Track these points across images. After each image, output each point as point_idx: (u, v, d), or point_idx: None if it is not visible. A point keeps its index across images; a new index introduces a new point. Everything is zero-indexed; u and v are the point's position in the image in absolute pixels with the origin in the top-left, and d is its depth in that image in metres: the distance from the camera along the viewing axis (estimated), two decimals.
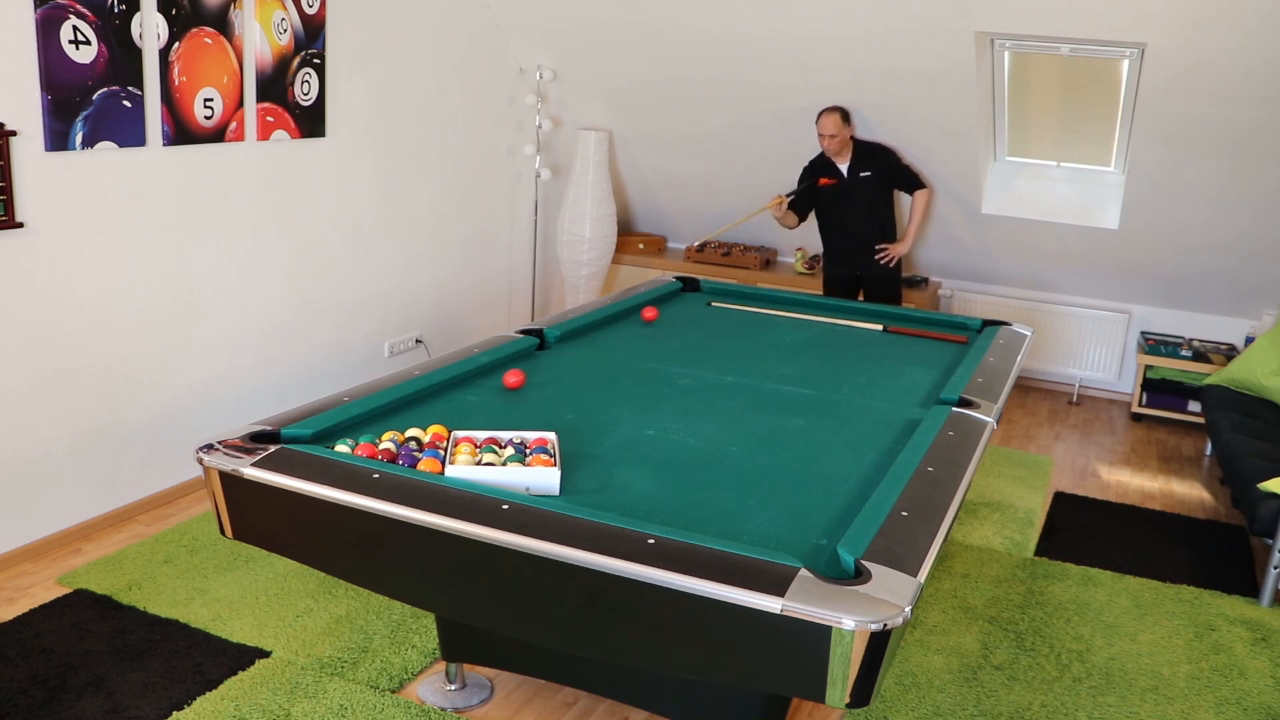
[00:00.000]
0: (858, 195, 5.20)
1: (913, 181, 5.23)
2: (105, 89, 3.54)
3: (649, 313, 4.06)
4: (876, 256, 5.28)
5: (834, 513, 2.39)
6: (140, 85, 3.66)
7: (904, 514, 2.27)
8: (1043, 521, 4.36)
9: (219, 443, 2.49)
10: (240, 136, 4.11)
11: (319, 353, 4.72)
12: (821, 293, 5.53)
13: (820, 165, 5.25)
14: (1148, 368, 5.77)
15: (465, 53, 5.34)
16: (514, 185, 5.97)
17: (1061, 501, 4.60)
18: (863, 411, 3.13)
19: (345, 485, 2.29)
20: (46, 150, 3.41)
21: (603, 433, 2.82)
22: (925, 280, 6.08)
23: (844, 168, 5.19)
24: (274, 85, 4.21)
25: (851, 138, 5.20)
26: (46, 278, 3.52)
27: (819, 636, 1.86)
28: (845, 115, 5.11)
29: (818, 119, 5.12)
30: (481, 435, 2.59)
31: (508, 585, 2.20)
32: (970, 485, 2.67)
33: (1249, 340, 5.69)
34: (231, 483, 2.42)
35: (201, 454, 2.45)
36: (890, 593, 1.92)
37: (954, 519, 2.38)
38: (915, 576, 2.00)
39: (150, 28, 3.66)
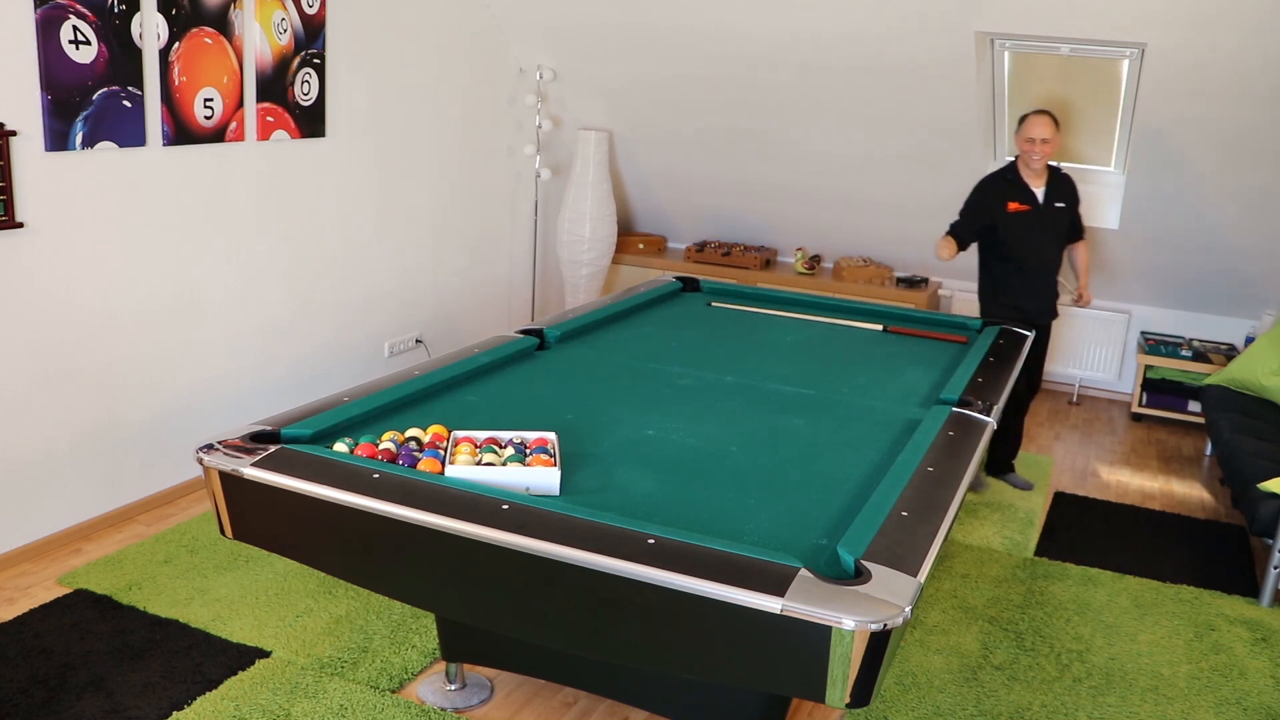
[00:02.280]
0: (1050, 228, 4.39)
1: (1081, 228, 4.58)
2: (105, 89, 3.54)
3: None
4: (1074, 303, 4.74)
5: (834, 513, 2.39)
6: (140, 85, 3.66)
7: (904, 514, 2.27)
8: (1043, 521, 4.36)
9: (219, 443, 2.49)
10: (240, 136, 4.11)
11: (319, 353, 4.72)
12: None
13: (1004, 185, 4.37)
14: (1148, 368, 5.77)
15: (465, 53, 5.34)
16: (514, 185, 5.96)
17: (1061, 501, 4.60)
18: (863, 411, 3.13)
19: (345, 485, 2.29)
20: (46, 150, 3.41)
21: (603, 433, 2.81)
22: (925, 280, 6.08)
23: (1039, 192, 4.36)
24: (274, 85, 4.21)
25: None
26: (46, 278, 3.52)
27: (819, 636, 1.86)
28: (1056, 120, 4.27)
29: (1022, 121, 4.33)
30: (481, 435, 2.59)
31: (508, 585, 2.20)
32: (970, 485, 2.67)
33: (1249, 340, 5.69)
34: (231, 483, 2.42)
35: (201, 454, 2.45)
36: (890, 593, 1.92)
37: (954, 519, 2.38)
38: (915, 576, 2.00)
39: (150, 28, 3.66)
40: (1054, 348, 6.06)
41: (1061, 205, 4.37)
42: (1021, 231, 4.34)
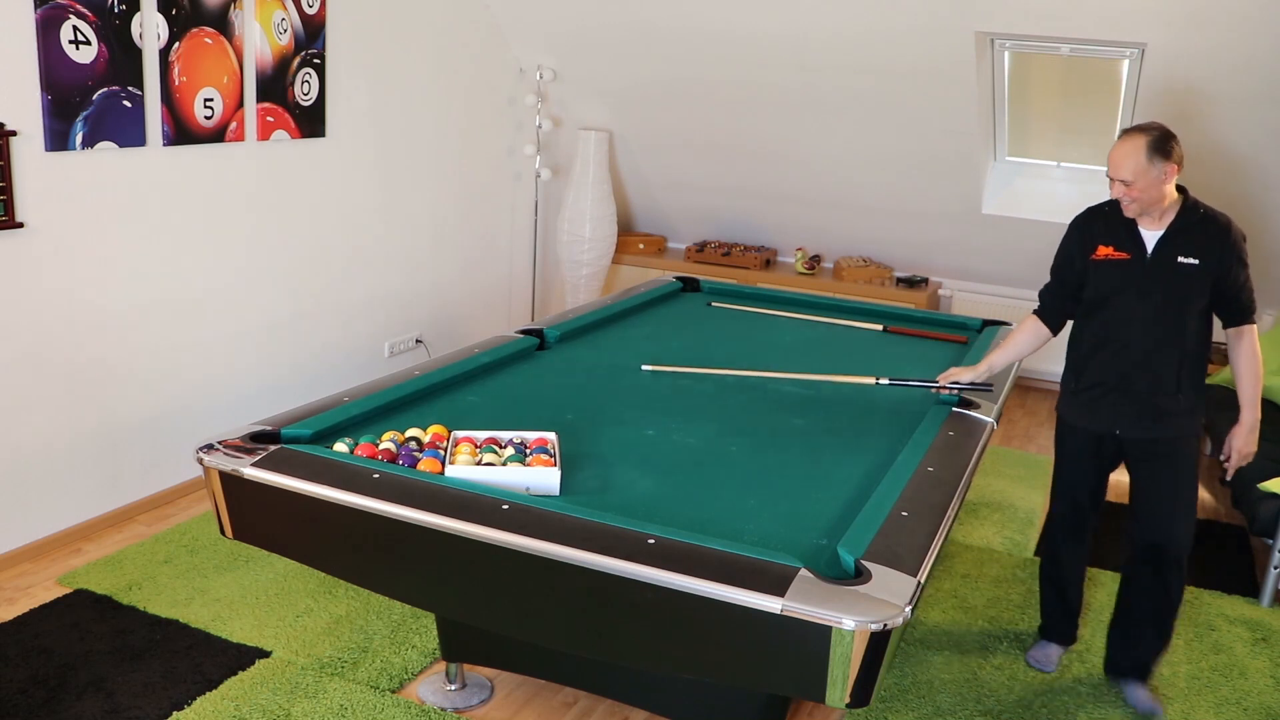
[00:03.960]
0: (1159, 292, 2.91)
1: (1245, 306, 2.95)
2: (105, 89, 3.54)
3: None
4: (1223, 462, 3.07)
5: (834, 513, 2.39)
6: (140, 85, 3.66)
7: (904, 514, 2.27)
8: (1043, 521, 4.36)
9: (219, 443, 2.49)
10: (240, 136, 4.11)
11: (319, 353, 4.72)
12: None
13: (1100, 221, 3.03)
14: None
15: (465, 53, 5.34)
16: (514, 185, 5.96)
17: None
18: (863, 411, 3.13)
19: (345, 485, 2.29)
20: (46, 150, 3.41)
21: (603, 433, 2.81)
22: (925, 280, 6.08)
23: (1150, 236, 2.93)
24: (274, 85, 4.21)
25: (1179, 189, 2.93)
26: (47, 278, 3.51)
27: (819, 636, 1.86)
28: (1160, 144, 2.81)
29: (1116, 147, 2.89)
30: (481, 435, 2.59)
31: (508, 585, 2.20)
32: (970, 485, 2.67)
33: None
34: (231, 483, 2.42)
35: (201, 454, 2.45)
36: (890, 593, 1.92)
37: (954, 519, 2.38)
38: (915, 576, 2.00)
39: (150, 28, 3.66)
40: (1054, 347, 6.00)
41: (1191, 262, 2.87)
42: (1111, 291, 2.96)
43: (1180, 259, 2.89)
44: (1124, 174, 2.83)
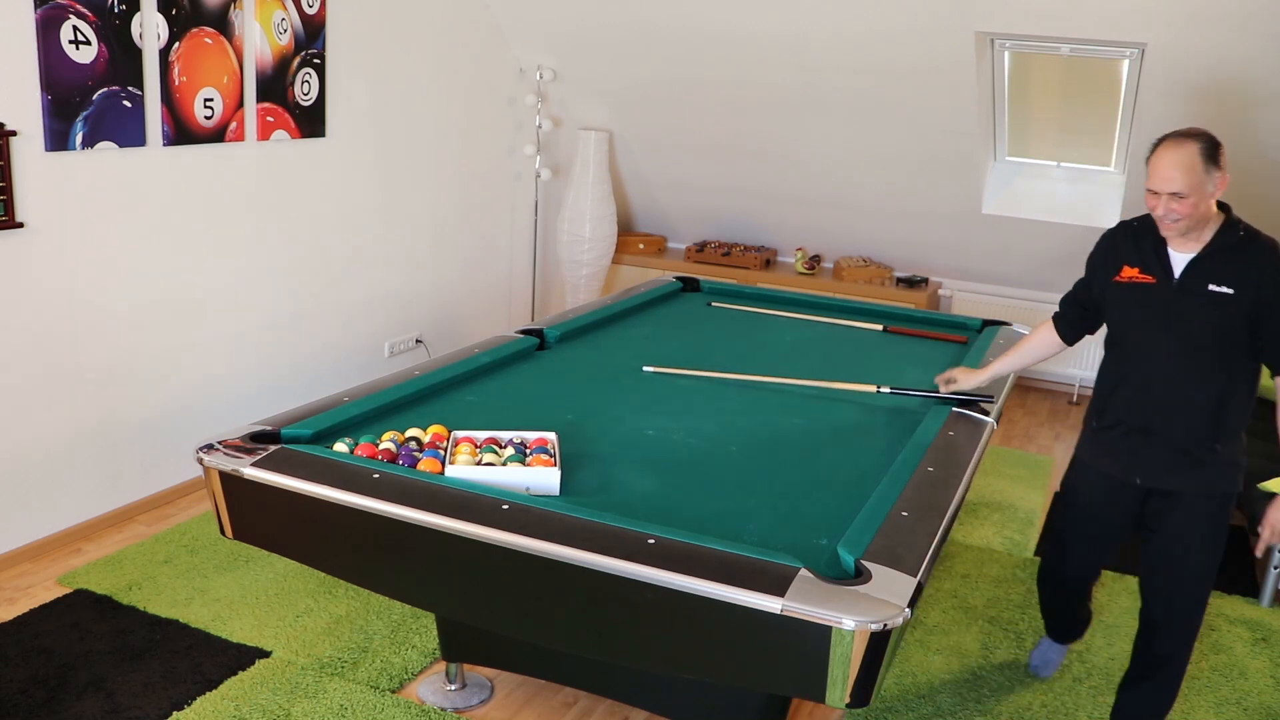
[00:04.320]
0: (1188, 322, 2.54)
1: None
2: (105, 89, 3.54)
3: None
4: (1255, 537, 2.91)
5: (834, 513, 2.39)
6: (140, 85, 3.66)
7: (904, 514, 2.27)
8: (1043, 521, 4.36)
9: (219, 443, 2.49)
10: (240, 136, 4.11)
11: (319, 353, 4.72)
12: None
13: (1128, 239, 2.68)
14: None
15: (465, 53, 5.34)
16: (514, 185, 5.96)
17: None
18: (863, 411, 3.13)
19: (345, 485, 2.29)
20: (46, 150, 3.41)
21: (603, 433, 2.81)
22: (925, 280, 6.08)
23: (1180, 259, 2.56)
24: (274, 85, 4.21)
25: (1220, 206, 2.56)
26: (47, 278, 3.51)
27: (819, 636, 1.86)
28: (1213, 151, 2.45)
29: (1154, 150, 2.51)
30: (481, 435, 2.59)
31: (508, 585, 2.20)
32: (970, 485, 2.67)
33: None
34: (231, 483, 2.42)
35: (201, 454, 2.45)
36: (890, 593, 1.92)
37: (954, 519, 2.38)
38: (915, 576, 2.00)
39: (150, 28, 3.66)
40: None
41: (1224, 291, 2.48)
42: (1131, 319, 2.63)
43: (1212, 286, 2.49)
44: (1177, 185, 2.42)
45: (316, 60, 4.39)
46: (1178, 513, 2.62)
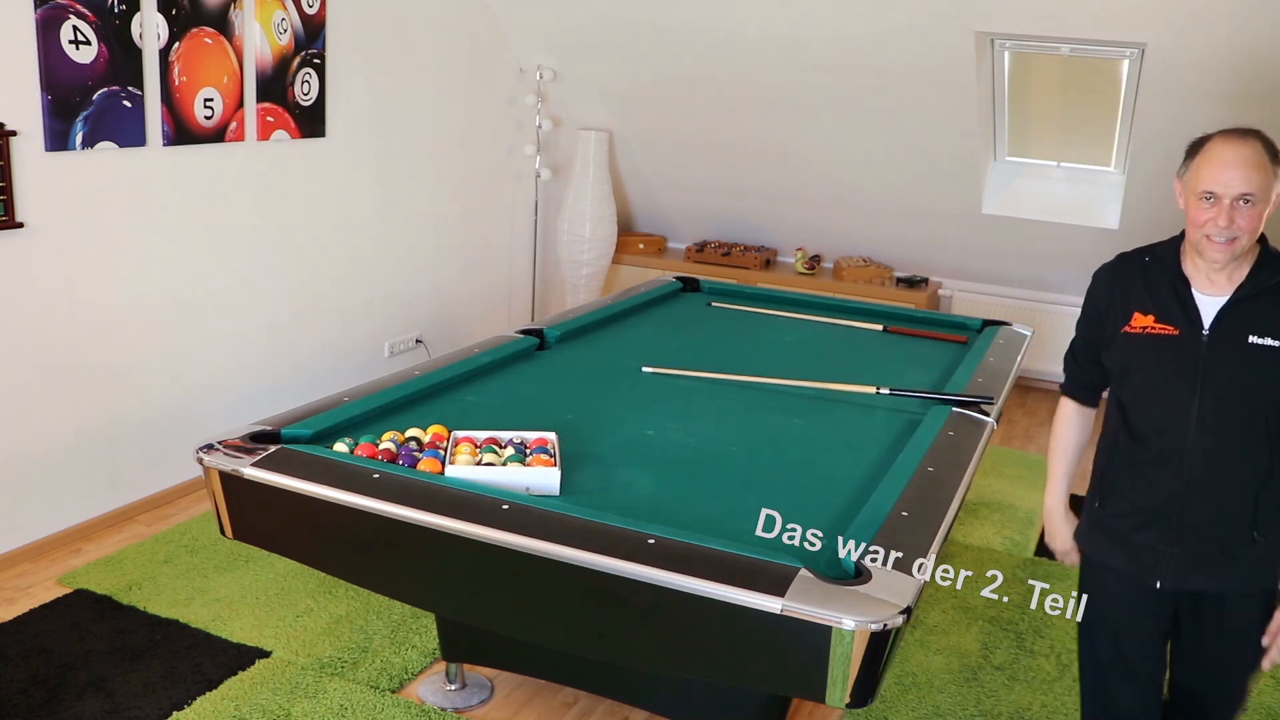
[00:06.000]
0: (1224, 383, 2.05)
1: None
2: (105, 89, 3.54)
3: None
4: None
5: (834, 513, 2.39)
6: (140, 85, 3.66)
7: (904, 514, 2.27)
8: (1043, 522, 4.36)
9: (219, 443, 2.49)
10: (240, 136, 4.10)
11: (319, 353, 4.72)
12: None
13: (1138, 275, 2.17)
14: None
15: (465, 53, 5.34)
16: (514, 185, 5.96)
17: None
18: (863, 411, 3.13)
19: (345, 485, 2.29)
20: (46, 150, 3.41)
21: (603, 433, 2.81)
22: (925, 280, 6.08)
23: (1209, 303, 2.08)
24: (274, 85, 4.21)
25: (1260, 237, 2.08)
26: (47, 278, 3.51)
27: (819, 636, 1.86)
28: (1274, 152, 1.99)
29: (1197, 150, 2.05)
30: (481, 435, 2.59)
31: (508, 585, 2.20)
32: (970, 485, 2.67)
33: None
34: (231, 483, 2.42)
35: (201, 454, 2.45)
36: (890, 593, 1.92)
37: (954, 519, 2.38)
38: (915, 576, 2.00)
39: (150, 28, 3.66)
40: (1054, 347, 6.03)
41: (1269, 344, 2.01)
42: (1149, 381, 2.12)
43: (1253, 338, 2.01)
44: (1250, 185, 1.94)
45: (316, 60, 4.39)
46: (1210, 620, 2.15)
